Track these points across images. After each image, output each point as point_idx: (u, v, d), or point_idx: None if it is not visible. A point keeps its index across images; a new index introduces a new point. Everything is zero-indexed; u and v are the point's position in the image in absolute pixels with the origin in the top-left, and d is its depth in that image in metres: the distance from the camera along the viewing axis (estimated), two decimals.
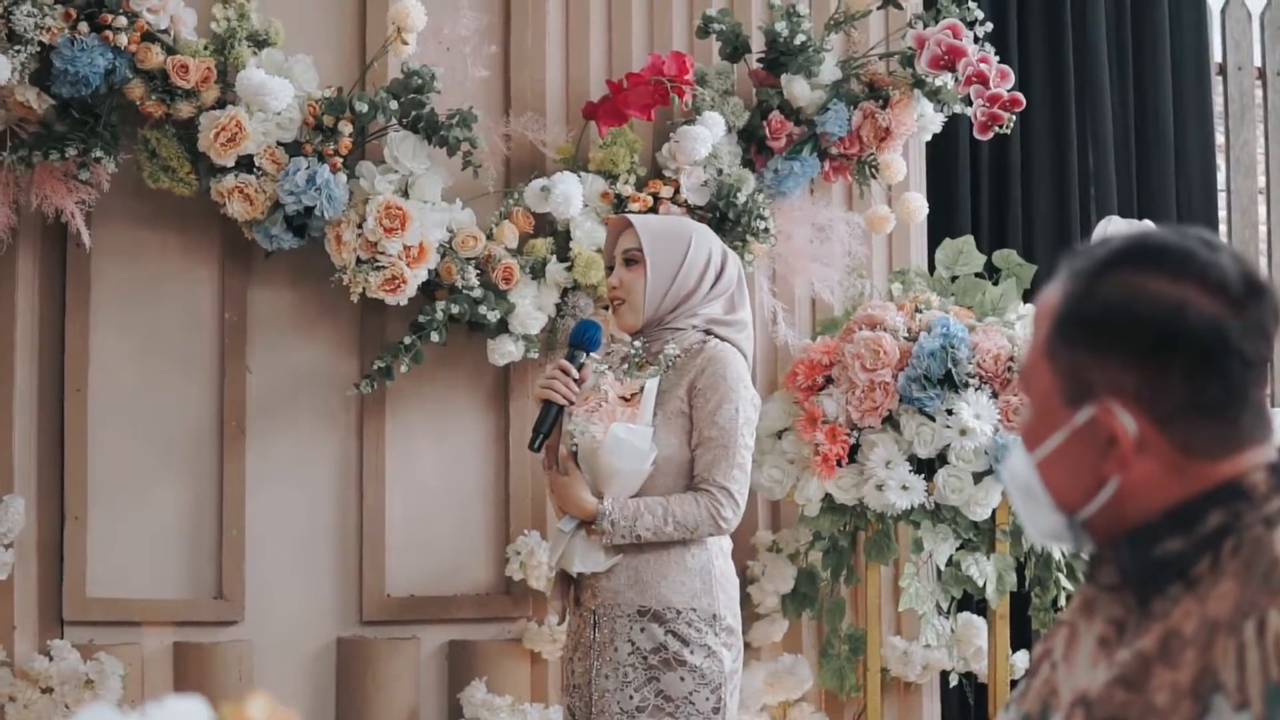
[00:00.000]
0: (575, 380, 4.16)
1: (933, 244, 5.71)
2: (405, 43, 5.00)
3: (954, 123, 5.77)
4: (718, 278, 4.22)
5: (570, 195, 5.11)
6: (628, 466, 4.04)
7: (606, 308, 5.15)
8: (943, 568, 5.22)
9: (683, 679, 4.01)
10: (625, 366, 4.21)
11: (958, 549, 5.19)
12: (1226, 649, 1.71)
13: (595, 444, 4.06)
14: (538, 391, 4.20)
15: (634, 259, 4.20)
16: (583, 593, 4.15)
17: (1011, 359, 5.05)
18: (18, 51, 4.71)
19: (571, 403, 4.15)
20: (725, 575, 4.15)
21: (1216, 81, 6.88)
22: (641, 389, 4.11)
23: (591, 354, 4.22)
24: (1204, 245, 1.83)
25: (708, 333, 4.19)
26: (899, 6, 5.48)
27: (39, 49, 4.76)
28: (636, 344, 4.21)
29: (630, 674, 4.03)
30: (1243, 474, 1.83)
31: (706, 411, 4.06)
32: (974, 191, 6.46)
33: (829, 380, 5.19)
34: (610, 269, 4.29)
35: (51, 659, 5.00)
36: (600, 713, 4.06)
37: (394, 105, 5.00)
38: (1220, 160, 6.85)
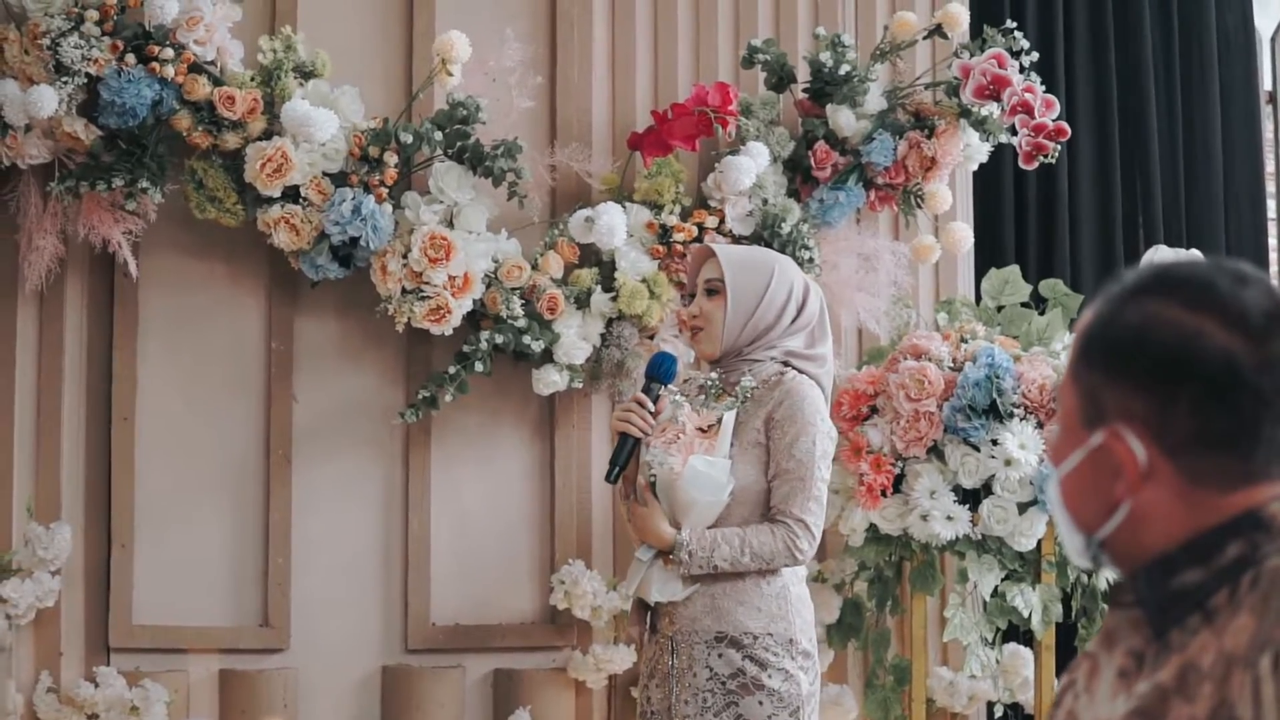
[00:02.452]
0: (651, 412, 4.18)
1: (979, 273, 5.70)
2: (450, 74, 5.03)
3: (1000, 152, 5.75)
4: (799, 312, 4.22)
5: (615, 225, 5.12)
6: (705, 498, 4.05)
7: (652, 337, 5.18)
8: (988, 598, 5.21)
9: (761, 703, 4.03)
10: (703, 398, 4.22)
11: (1003, 579, 5.17)
12: (1243, 683, 1.69)
13: (673, 475, 4.08)
14: (614, 424, 4.22)
15: (715, 289, 4.21)
16: (660, 620, 4.18)
17: (1057, 389, 5.03)
18: (65, 83, 4.76)
19: (648, 434, 4.17)
20: (801, 599, 4.17)
21: (1266, 110, 6.85)
22: (719, 420, 4.12)
23: (667, 386, 4.23)
24: (1231, 277, 1.81)
25: (786, 364, 4.19)
26: (944, 36, 5.47)
27: (86, 80, 4.80)
28: (714, 375, 4.23)
29: (709, 699, 4.05)
30: (1260, 505, 1.80)
31: (784, 444, 4.08)
32: (1020, 221, 6.45)
33: (874, 410, 5.18)
34: (692, 297, 4.31)
35: (98, 686, 5.02)
36: None
37: (439, 136, 5.02)
38: (1270, 189, 6.82)
